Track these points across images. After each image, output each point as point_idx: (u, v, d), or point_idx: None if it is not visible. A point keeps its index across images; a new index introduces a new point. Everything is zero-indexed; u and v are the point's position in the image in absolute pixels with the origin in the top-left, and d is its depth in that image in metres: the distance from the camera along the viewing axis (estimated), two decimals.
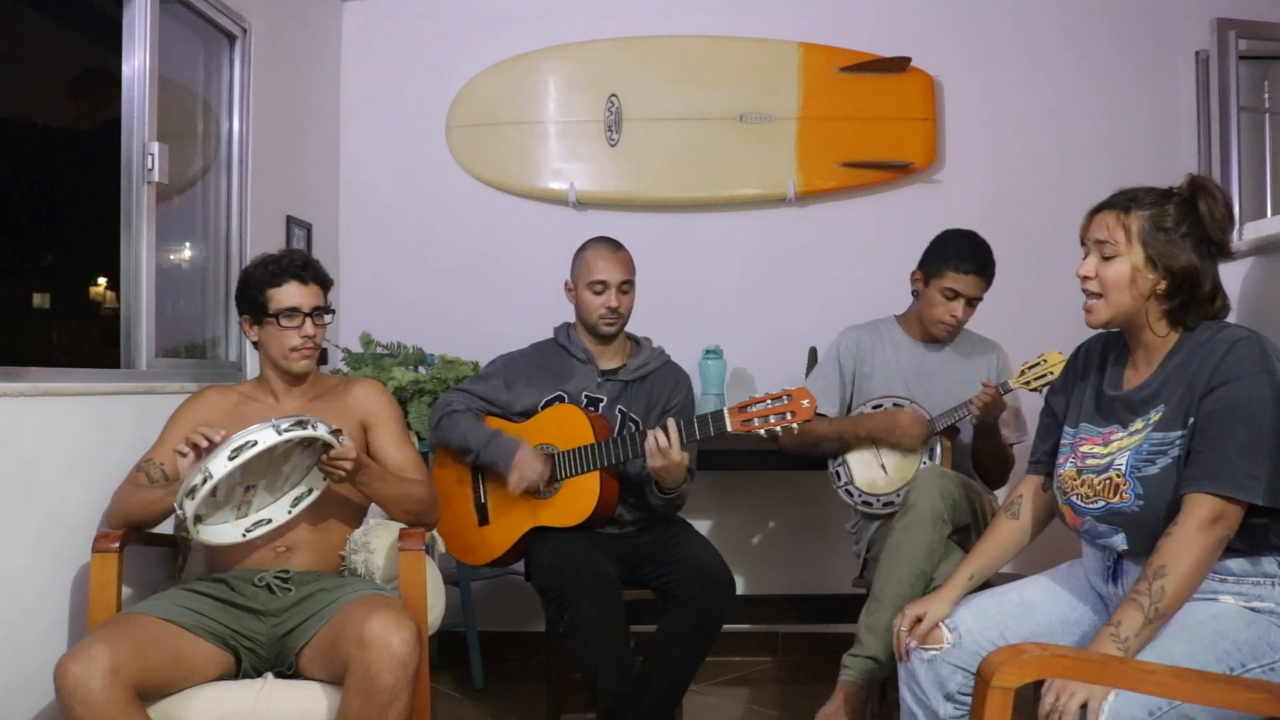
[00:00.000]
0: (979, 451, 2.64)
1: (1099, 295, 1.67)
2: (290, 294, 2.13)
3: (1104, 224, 1.66)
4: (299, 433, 1.84)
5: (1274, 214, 3.50)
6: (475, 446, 2.51)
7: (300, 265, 2.16)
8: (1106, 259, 1.66)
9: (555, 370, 2.61)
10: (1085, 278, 1.68)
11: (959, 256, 2.56)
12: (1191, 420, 1.58)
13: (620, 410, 2.58)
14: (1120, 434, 1.68)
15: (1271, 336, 1.61)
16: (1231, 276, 2.08)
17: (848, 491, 2.66)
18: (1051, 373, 2.31)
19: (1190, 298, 1.63)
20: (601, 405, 2.57)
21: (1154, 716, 1.44)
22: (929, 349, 2.70)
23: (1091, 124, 3.50)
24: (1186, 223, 1.62)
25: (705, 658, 2.34)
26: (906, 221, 3.49)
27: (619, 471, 2.49)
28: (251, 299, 2.15)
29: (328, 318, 2.20)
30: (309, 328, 2.15)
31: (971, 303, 2.59)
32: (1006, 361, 2.72)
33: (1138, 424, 1.66)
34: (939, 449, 2.55)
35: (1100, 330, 1.78)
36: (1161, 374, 1.66)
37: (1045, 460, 1.87)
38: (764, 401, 2.28)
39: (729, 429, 2.30)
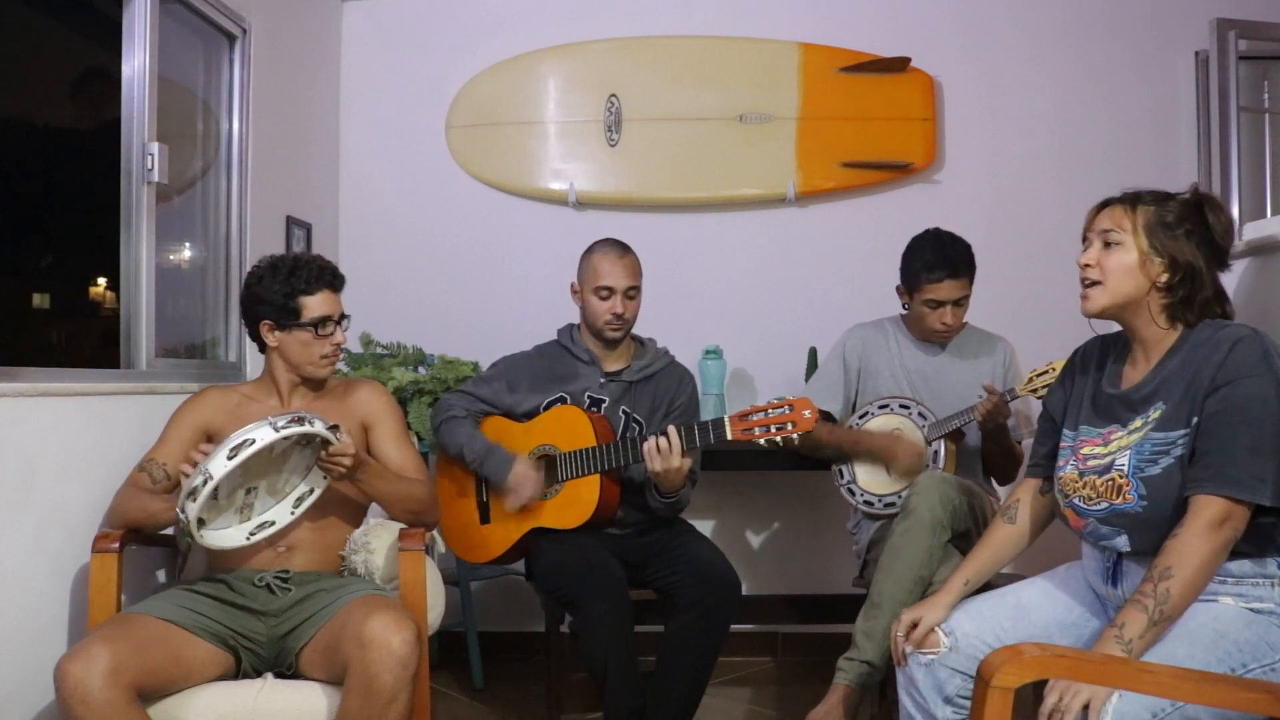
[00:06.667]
0: (988, 452, 2.63)
1: (1098, 283, 1.68)
2: (324, 302, 2.15)
3: (1110, 216, 1.69)
4: (296, 429, 1.84)
5: (1274, 214, 3.50)
6: (471, 459, 2.51)
7: (331, 273, 2.18)
8: (1109, 249, 1.67)
9: (558, 373, 2.60)
10: (1086, 265, 1.69)
11: (927, 267, 2.54)
12: (1195, 420, 1.58)
13: (624, 411, 2.57)
14: (1120, 433, 1.68)
15: (1272, 337, 1.61)
16: (1231, 277, 2.09)
17: (850, 490, 2.65)
18: None
19: (1192, 293, 1.64)
20: (604, 406, 2.57)
21: (1157, 718, 1.43)
22: (931, 351, 2.69)
23: (1091, 124, 3.50)
24: (1189, 222, 1.65)
25: (718, 658, 2.34)
26: (906, 221, 3.45)
27: (620, 475, 2.49)
28: (279, 305, 2.13)
29: (346, 322, 2.22)
30: (339, 335, 2.18)
31: (959, 303, 2.57)
32: (1014, 355, 2.71)
33: (1137, 422, 1.65)
34: (942, 453, 2.54)
35: (1097, 328, 1.79)
36: (1161, 372, 1.66)
37: (1043, 463, 1.87)
38: (765, 411, 2.28)
39: (729, 437, 2.30)
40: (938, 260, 2.53)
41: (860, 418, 2.67)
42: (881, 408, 2.64)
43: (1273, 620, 1.55)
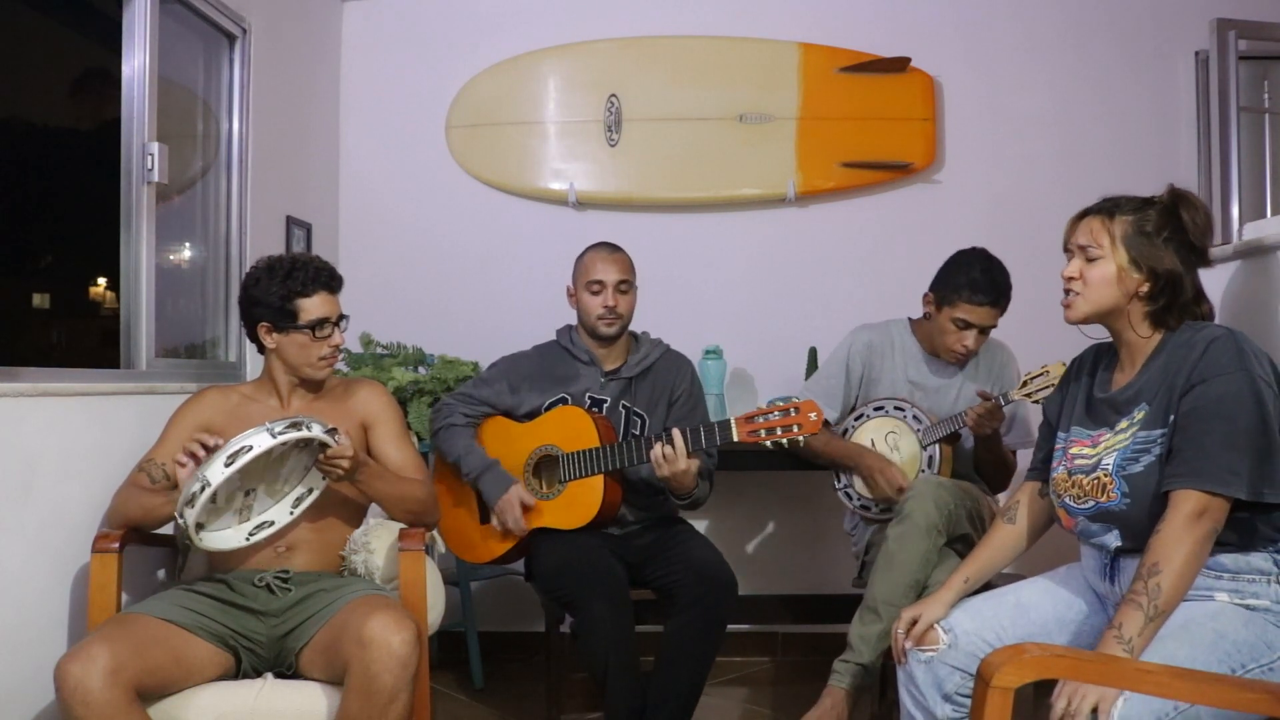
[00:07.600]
0: (980, 458, 2.62)
1: (1079, 293, 1.71)
2: (322, 304, 2.14)
3: (1088, 229, 1.71)
4: (294, 434, 1.84)
5: (1274, 214, 3.50)
6: (468, 472, 2.52)
7: (329, 275, 2.17)
8: (1090, 262, 1.69)
9: (559, 373, 2.60)
10: (1070, 278, 1.72)
11: (972, 287, 2.46)
12: (1172, 418, 1.61)
13: (624, 406, 2.57)
14: (1108, 435, 1.70)
15: (1267, 339, 1.62)
16: (1225, 278, 2.09)
17: (847, 494, 2.65)
18: (1053, 384, 2.29)
19: (1173, 300, 1.67)
20: (606, 405, 2.57)
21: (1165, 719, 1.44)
22: (938, 369, 2.65)
23: (1091, 124, 3.50)
24: (1168, 228, 1.67)
25: (716, 657, 2.34)
26: (906, 222, 3.49)
27: (623, 474, 2.49)
28: (276, 307, 2.12)
29: (345, 323, 2.21)
30: (337, 336, 2.17)
31: (985, 330, 2.52)
32: (1015, 365, 2.68)
33: (1123, 424, 1.68)
34: (937, 456, 2.52)
35: (1083, 330, 1.81)
36: (1145, 375, 1.68)
37: (1041, 467, 1.89)
38: (771, 413, 2.27)
39: (735, 439, 2.30)
40: (986, 284, 2.46)
41: (856, 419, 2.67)
42: (877, 409, 2.63)
43: (1269, 619, 1.56)
